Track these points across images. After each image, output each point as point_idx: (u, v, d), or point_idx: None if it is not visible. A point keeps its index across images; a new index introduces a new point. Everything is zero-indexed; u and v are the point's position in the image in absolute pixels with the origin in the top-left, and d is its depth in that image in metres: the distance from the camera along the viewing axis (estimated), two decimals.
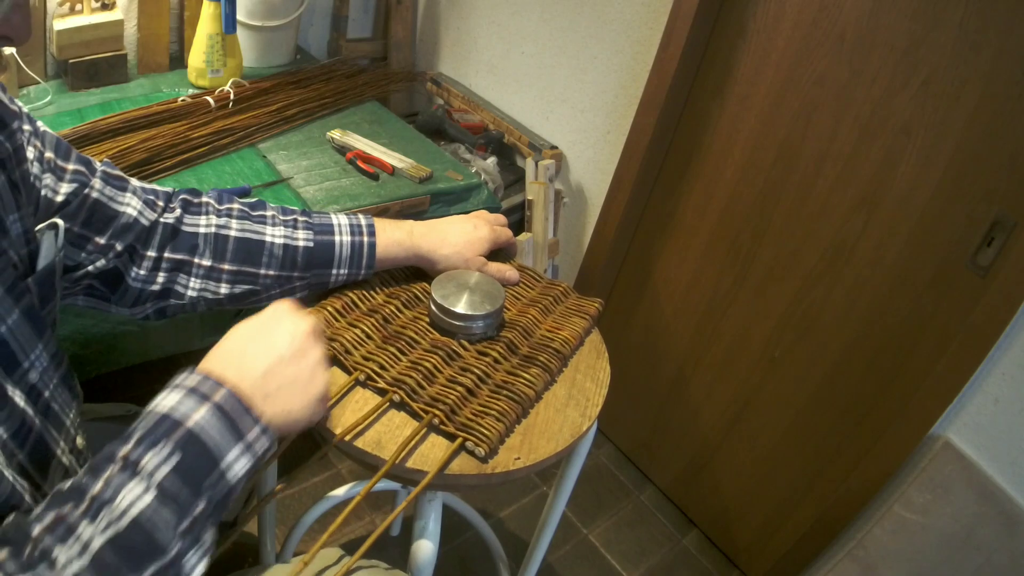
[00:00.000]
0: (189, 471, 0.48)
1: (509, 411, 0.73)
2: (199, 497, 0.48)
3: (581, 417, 0.77)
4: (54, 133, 0.66)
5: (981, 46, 1.09)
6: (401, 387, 0.72)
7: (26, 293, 0.56)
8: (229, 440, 0.51)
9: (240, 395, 0.52)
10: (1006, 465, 1.11)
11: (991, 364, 1.11)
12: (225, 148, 1.33)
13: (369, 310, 0.82)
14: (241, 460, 0.51)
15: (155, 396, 0.52)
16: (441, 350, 0.78)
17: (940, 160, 1.17)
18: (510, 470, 0.69)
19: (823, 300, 1.38)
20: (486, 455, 0.69)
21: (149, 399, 0.52)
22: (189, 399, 0.50)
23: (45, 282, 0.60)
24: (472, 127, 1.78)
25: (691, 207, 1.58)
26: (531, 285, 0.95)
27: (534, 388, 0.77)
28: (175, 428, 0.49)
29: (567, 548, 1.64)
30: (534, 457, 0.71)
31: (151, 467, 0.47)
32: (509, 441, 0.72)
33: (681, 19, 1.39)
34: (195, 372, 0.53)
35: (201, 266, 0.74)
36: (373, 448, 0.68)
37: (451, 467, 0.68)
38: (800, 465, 1.50)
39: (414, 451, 0.69)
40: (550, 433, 0.74)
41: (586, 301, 0.94)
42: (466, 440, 0.69)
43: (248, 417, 0.52)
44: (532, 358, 0.81)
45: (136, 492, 0.46)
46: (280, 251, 0.75)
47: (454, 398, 0.72)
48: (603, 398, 0.81)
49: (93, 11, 1.40)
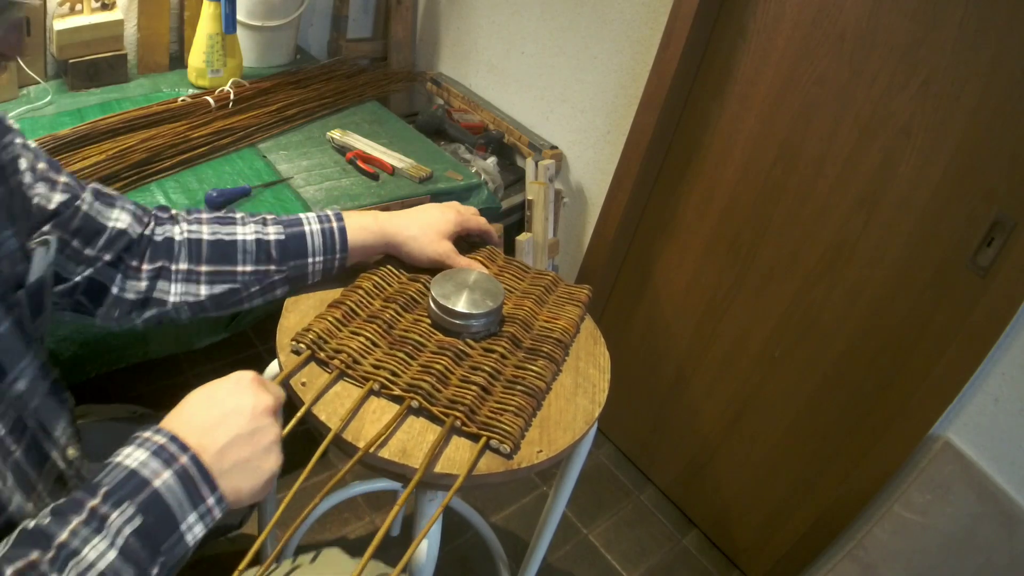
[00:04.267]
0: (150, 534, 0.50)
1: (526, 405, 0.73)
2: (155, 560, 0.50)
3: (591, 403, 0.79)
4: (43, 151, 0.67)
5: (981, 46, 1.09)
6: (418, 392, 0.72)
7: (16, 305, 0.57)
8: (189, 505, 0.52)
9: (201, 463, 0.53)
10: (1006, 465, 1.11)
11: (991, 364, 1.11)
12: (225, 148, 1.33)
13: (369, 316, 0.81)
14: (198, 526, 0.53)
15: (123, 448, 0.52)
16: (449, 351, 0.78)
17: (940, 160, 1.17)
18: (535, 463, 0.70)
19: (823, 300, 1.38)
20: (511, 451, 0.69)
21: (149, 399, 0.52)
22: (155, 460, 0.51)
23: (35, 295, 0.60)
24: (472, 127, 1.78)
25: (691, 207, 1.58)
26: (520, 276, 0.95)
27: (544, 380, 0.77)
28: (141, 488, 0.50)
29: (567, 548, 1.64)
30: (555, 448, 0.72)
31: (116, 525, 0.48)
32: (529, 435, 0.73)
33: (681, 19, 1.39)
34: (161, 431, 0.54)
35: (179, 271, 0.74)
36: (400, 457, 0.67)
37: (478, 468, 0.68)
38: (800, 465, 1.50)
39: (439, 455, 0.69)
40: (565, 423, 0.75)
41: (575, 288, 0.95)
42: (490, 439, 0.69)
43: (206, 485, 0.53)
44: (536, 350, 0.81)
45: (101, 548, 0.47)
46: (253, 246, 0.76)
47: (471, 398, 0.72)
48: (608, 383, 0.82)
49: (93, 11, 1.40)
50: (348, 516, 1.55)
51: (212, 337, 1.21)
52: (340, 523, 1.53)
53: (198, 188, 1.21)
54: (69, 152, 1.16)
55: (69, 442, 0.64)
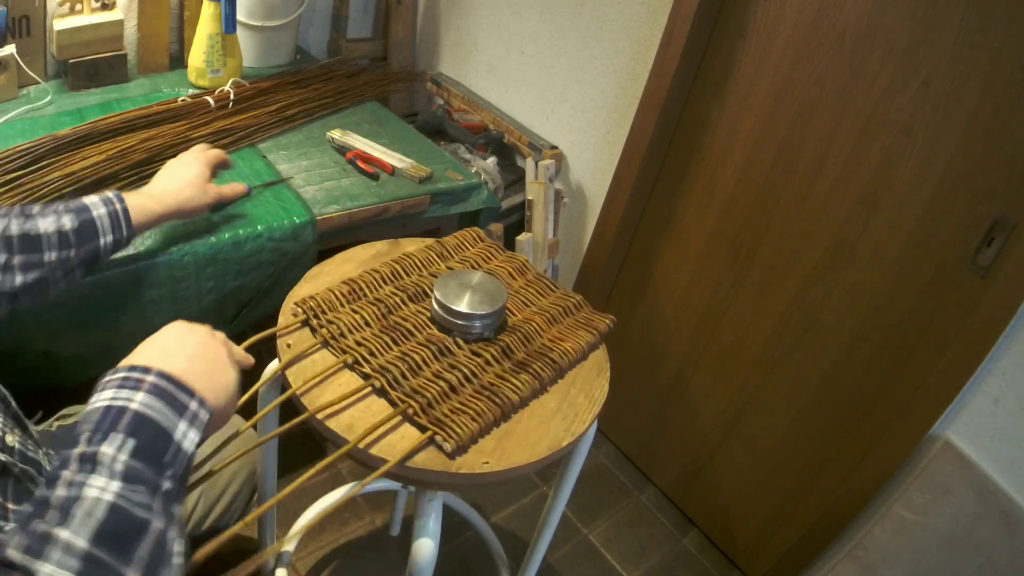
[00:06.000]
0: (147, 452, 0.49)
1: (487, 412, 0.72)
2: (163, 473, 0.50)
3: (564, 432, 0.76)
4: None
5: (981, 46, 1.09)
6: (384, 375, 0.73)
7: None
8: (174, 414, 0.53)
9: (171, 375, 0.54)
10: (1006, 465, 1.11)
11: (991, 364, 1.11)
12: (225, 148, 1.33)
13: (375, 299, 0.83)
14: (191, 432, 0.53)
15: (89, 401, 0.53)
16: (434, 345, 0.78)
17: (940, 160, 1.17)
18: (475, 472, 0.69)
19: (823, 300, 1.38)
20: (453, 452, 0.68)
21: None
22: (123, 389, 0.52)
23: None
24: (472, 127, 1.78)
25: (691, 207, 1.58)
26: (544, 293, 0.95)
27: (519, 394, 0.76)
28: (121, 415, 0.50)
29: (567, 548, 1.64)
30: (504, 464, 0.70)
31: (110, 456, 0.48)
32: (482, 444, 0.72)
33: (681, 19, 1.39)
34: (117, 368, 0.55)
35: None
36: (344, 431, 0.69)
37: (416, 460, 0.68)
38: (800, 465, 1.50)
39: (383, 439, 0.69)
40: (527, 443, 0.73)
41: (597, 316, 0.94)
42: (435, 434, 0.69)
43: (183, 392, 0.54)
44: (525, 365, 0.80)
45: (101, 482, 0.46)
46: (56, 237, 0.80)
47: (434, 392, 0.72)
48: (593, 416, 0.80)
49: (93, 11, 1.40)
50: (348, 516, 1.55)
51: None
52: (340, 523, 1.53)
53: None
54: (69, 152, 1.16)
55: (6, 430, 0.64)
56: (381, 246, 1.00)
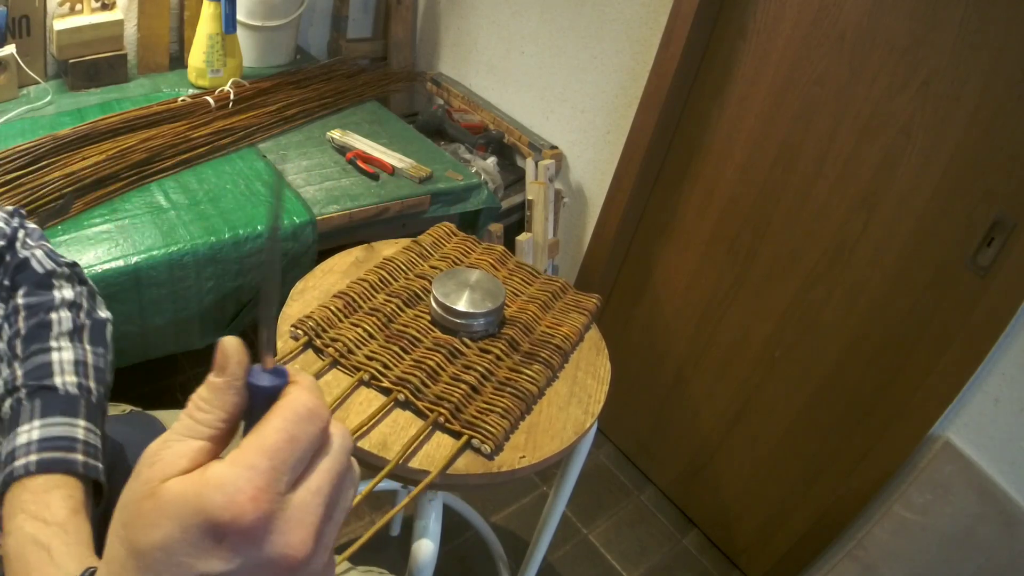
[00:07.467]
0: None
1: (514, 408, 0.73)
2: None
3: (584, 414, 0.77)
4: None
5: (981, 46, 1.09)
6: (405, 386, 0.72)
7: None
8: None
9: None
10: (1006, 465, 1.11)
11: (991, 364, 1.11)
12: (225, 148, 1.33)
13: (371, 309, 0.82)
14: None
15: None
16: (444, 348, 0.78)
17: (940, 160, 1.17)
18: (515, 468, 0.69)
19: (823, 300, 1.38)
20: (492, 452, 0.68)
21: (149, 399, 0.52)
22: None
23: None
24: (472, 127, 1.78)
25: (691, 207, 1.58)
26: (529, 280, 0.95)
27: (537, 385, 0.77)
28: None
29: (567, 548, 1.64)
30: (539, 455, 0.71)
31: None
32: (513, 439, 0.72)
33: (681, 19, 1.39)
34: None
35: None
36: (379, 449, 0.68)
37: (456, 466, 0.68)
38: (800, 465, 1.50)
39: (419, 450, 0.68)
40: (554, 431, 0.74)
41: (584, 297, 0.94)
42: (472, 437, 0.69)
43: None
44: (534, 355, 0.81)
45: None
46: None
47: (459, 396, 0.72)
48: (605, 394, 0.81)
49: (93, 11, 1.40)
50: (348, 516, 1.54)
51: (212, 337, 1.21)
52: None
53: (198, 188, 1.21)
54: (69, 152, 1.16)
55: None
56: (359, 252, 0.98)
